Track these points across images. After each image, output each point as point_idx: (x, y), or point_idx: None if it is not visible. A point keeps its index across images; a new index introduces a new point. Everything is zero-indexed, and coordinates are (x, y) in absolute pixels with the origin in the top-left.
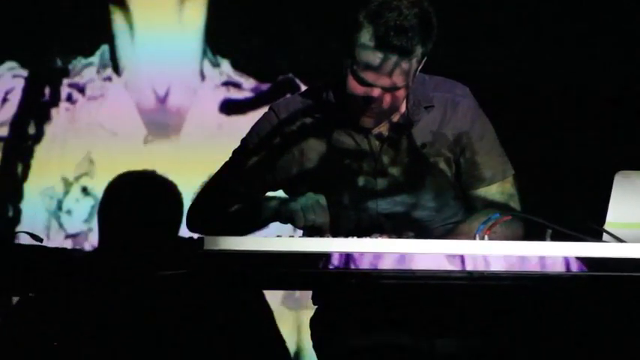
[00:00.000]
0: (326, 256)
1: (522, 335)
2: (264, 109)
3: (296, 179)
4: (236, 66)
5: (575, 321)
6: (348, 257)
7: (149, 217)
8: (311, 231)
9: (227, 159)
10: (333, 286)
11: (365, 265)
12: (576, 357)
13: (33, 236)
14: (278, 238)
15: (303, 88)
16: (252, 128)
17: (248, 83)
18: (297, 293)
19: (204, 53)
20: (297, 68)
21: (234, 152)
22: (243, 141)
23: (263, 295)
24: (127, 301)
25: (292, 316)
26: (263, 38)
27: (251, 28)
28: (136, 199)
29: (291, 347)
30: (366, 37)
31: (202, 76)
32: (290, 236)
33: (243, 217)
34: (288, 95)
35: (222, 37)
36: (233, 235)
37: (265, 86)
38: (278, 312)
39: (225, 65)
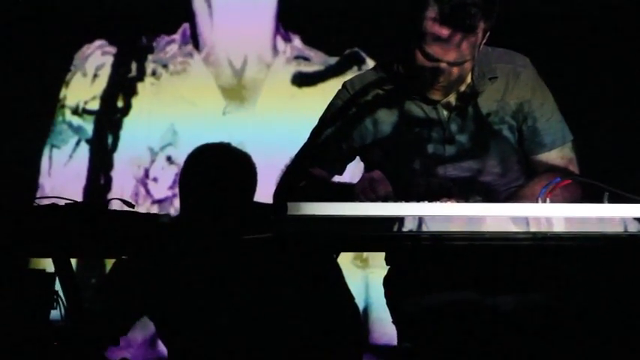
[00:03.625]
0: (400, 220)
1: (583, 293)
2: (333, 81)
3: (370, 148)
4: (306, 41)
5: (631, 280)
6: (420, 220)
7: (225, 185)
8: (381, 200)
9: (300, 130)
10: (407, 247)
11: (436, 227)
12: (633, 315)
13: (126, 202)
14: (355, 203)
15: (369, 60)
16: (328, 106)
17: (317, 57)
18: (365, 254)
19: (277, 29)
20: (362, 42)
21: (312, 131)
22: (320, 120)
23: (334, 256)
24: (212, 264)
25: (360, 274)
26: (331, 14)
27: (320, 4)
28: (212, 168)
29: (360, 304)
30: (431, 14)
31: (275, 51)
32: None
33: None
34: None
35: (293, 14)
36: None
37: (333, 60)
38: (348, 270)
39: (296, 40)
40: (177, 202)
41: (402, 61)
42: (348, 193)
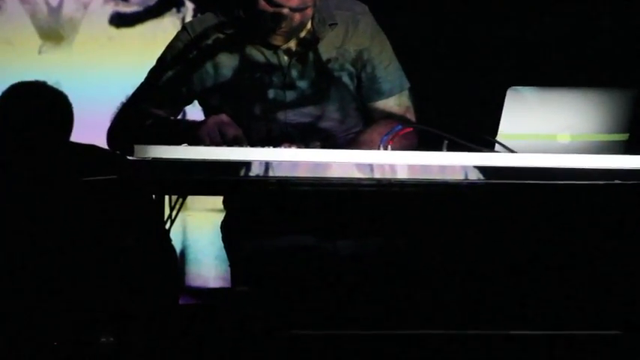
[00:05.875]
0: (247, 164)
1: (423, 238)
2: (151, 23)
3: (210, 92)
4: None
5: (472, 225)
6: (266, 165)
7: (40, 123)
8: (228, 145)
9: (117, 71)
10: (250, 191)
11: (281, 172)
12: (470, 258)
13: None
14: (202, 147)
15: (188, 3)
16: (167, 47)
17: None
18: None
19: None
20: None
21: (150, 71)
22: (158, 60)
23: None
24: (52, 206)
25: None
26: None
27: None
28: (28, 107)
29: (177, 246)
30: None
31: None
32: None
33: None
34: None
35: None
36: None
37: (152, 1)
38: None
39: None
40: None
41: (243, 6)
42: (191, 134)
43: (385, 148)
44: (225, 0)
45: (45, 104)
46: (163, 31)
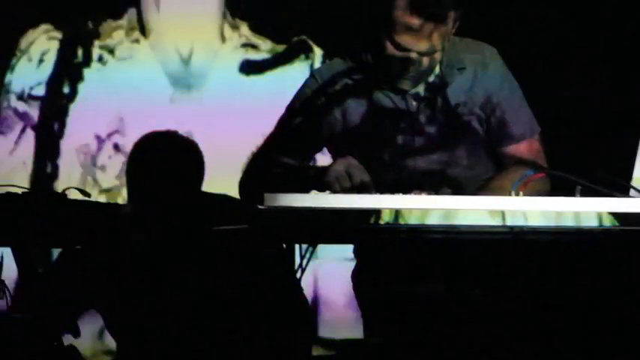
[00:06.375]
0: (376, 212)
1: (560, 287)
2: (281, 69)
3: (339, 138)
4: (254, 28)
5: (608, 273)
6: (396, 213)
7: (172, 174)
8: (356, 191)
9: (247, 119)
10: (381, 240)
11: (412, 220)
12: (609, 307)
13: (82, 192)
14: (331, 195)
15: (317, 49)
16: (295, 95)
17: (265, 45)
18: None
19: (224, 16)
20: (311, 31)
21: (279, 119)
22: (287, 108)
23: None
24: (184, 255)
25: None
26: (279, 1)
27: None
28: (159, 157)
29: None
30: (402, 3)
31: (222, 38)
32: None
33: (288, 187)
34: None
35: (240, 1)
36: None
37: (281, 47)
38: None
39: (244, 28)
40: (125, 192)
41: (370, 51)
42: (320, 179)
43: (517, 195)
44: (353, 45)
45: (177, 154)
46: (292, 77)
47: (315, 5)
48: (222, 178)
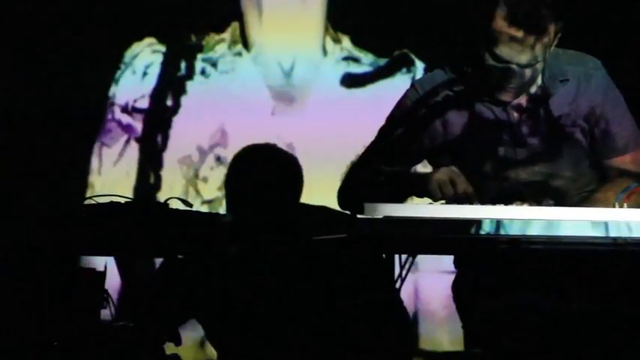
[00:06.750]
0: (477, 222)
1: None
2: (382, 83)
3: (439, 150)
4: (355, 42)
5: None
6: (497, 223)
7: (271, 185)
8: (458, 200)
9: (348, 132)
10: (482, 250)
11: (513, 231)
12: None
13: (184, 202)
14: (432, 205)
15: (418, 62)
16: (396, 105)
17: (366, 58)
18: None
19: (326, 29)
20: (412, 44)
21: (380, 130)
22: (387, 119)
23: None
24: (284, 265)
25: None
26: (380, 15)
27: (369, 5)
28: (260, 169)
29: (409, 308)
30: (502, 15)
31: (324, 51)
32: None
33: (387, 194)
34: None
35: (342, 14)
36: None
37: (382, 61)
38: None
39: (346, 41)
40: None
41: (471, 63)
42: (422, 187)
43: (621, 206)
44: (454, 57)
45: (276, 167)
46: (394, 90)
47: (416, 18)
48: (321, 190)
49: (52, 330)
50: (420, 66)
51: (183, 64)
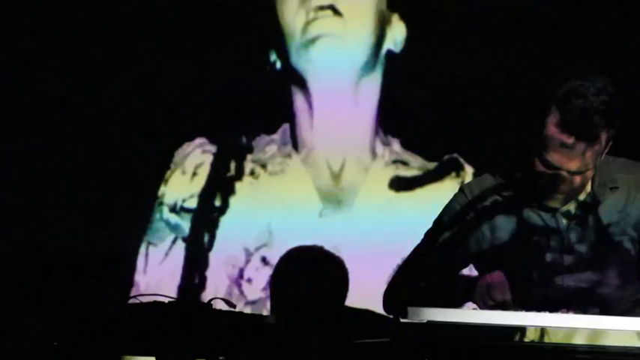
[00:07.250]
0: (521, 329)
1: None
2: (431, 186)
3: (486, 254)
4: (405, 145)
5: None
6: (542, 331)
7: (316, 288)
8: (496, 307)
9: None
10: (526, 358)
11: (557, 339)
12: None
13: (228, 302)
14: (476, 311)
15: (467, 167)
16: (444, 209)
17: (416, 161)
18: None
19: (376, 132)
20: (462, 149)
21: (426, 233)
22: (434, 222)
23: None
24: None
25: None
26: (430, 119)
27: (419, 109)
28: (305, 271)
29: None
30: (554, 121)
31: (374, 154)
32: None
33: (432, 298)
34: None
35: (393, 118)
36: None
37: (432, 165)
38: None
39: (395, 144)
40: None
41: (521, 168)
42: (466, 293)
43: None
44: (503, 163)
45: (322, 269)
46: (442, 194)
47: (466, 123)
48: (367, 293)
49: None
50: (469, 170)
51: (232, 165)
